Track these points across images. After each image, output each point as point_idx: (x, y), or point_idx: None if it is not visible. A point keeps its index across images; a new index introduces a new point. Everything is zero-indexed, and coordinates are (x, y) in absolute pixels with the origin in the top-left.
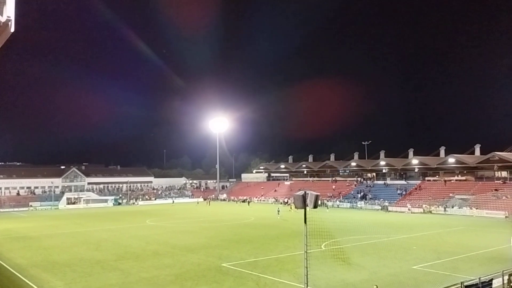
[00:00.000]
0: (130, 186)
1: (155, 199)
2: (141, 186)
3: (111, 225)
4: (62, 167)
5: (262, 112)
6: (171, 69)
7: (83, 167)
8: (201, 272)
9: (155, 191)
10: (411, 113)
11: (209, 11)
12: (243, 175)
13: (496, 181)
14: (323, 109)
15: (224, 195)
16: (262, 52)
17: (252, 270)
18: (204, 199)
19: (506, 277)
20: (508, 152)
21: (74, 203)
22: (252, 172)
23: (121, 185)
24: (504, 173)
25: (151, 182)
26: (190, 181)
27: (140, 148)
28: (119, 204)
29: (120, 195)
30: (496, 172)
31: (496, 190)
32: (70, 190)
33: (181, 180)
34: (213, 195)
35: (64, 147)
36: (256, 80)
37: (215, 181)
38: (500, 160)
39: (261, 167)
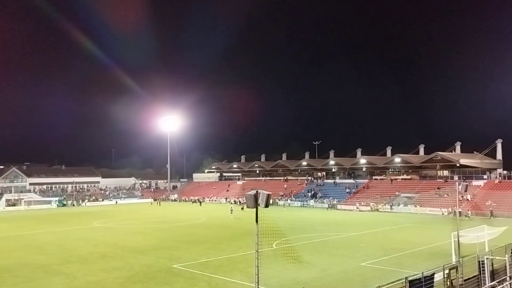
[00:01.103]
0: (75, 187)
1: (103, 200)
2: (87, 186)
3: (55, 228)
4: (1, 166)
5: (215, 111)
6: (118, 67)
7: (25, 167)
8: (151, 274)
9: (102, 191)
10: (359, 113)
11: (150, 7)
12: (195, 175)
13: (438, 180)
14: (275, 108)
15: (175, 195)
16: (210, 50)
17: (204, 271)
18: (154, 200)
19: (446, 271)
20: (449, 152)
21: (14, 205)
22: (204, 172)
23: (66, 186)
24: (446, 172)
25: (98, 182)
26: (140, 181)
27: (87, 147)
28: (64, 205)
29: (65, 196)
30: (438, 171)
31: (438, 188)
32: (10, 191)
33: (131, 180)
34: (163, 196)
35: (3, 145)
36: (207, 79)
37: (166, 181)
38: (442, 159)
39: (213, 167)
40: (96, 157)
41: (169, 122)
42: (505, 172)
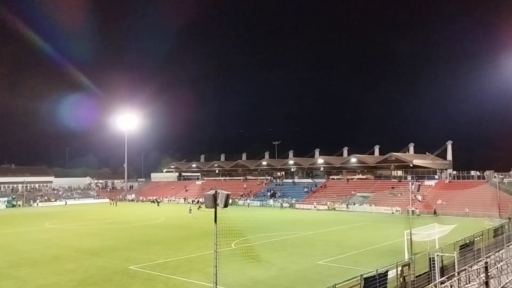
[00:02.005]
0: (26, 187)
1: (55, 200)
2: (39, 186)
3: (4, 229)
4: None
5: (174, 110)
6: (70, 64)
7: None
8: (107, 276)
9: (55, 191)
10: (318, 114)
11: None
12: (153, 175)
13: (392, 180)
14: (235, 108)
15: (133, 196)
16: (166, 46)
17: (161, 272)
18: (111, 200)
19: (399, 268)
20: (403, 153)
21: None
22: (162, 172)
23: (16, 186)
24: (400, 172)
25: (51, 182)
26: (96, 181)
27: (39, 146)
28: (13, 206)
29: (14, 196)
30: (392, 172)
31: (392, 188)
32: None
33: (86, 180)
34: (120, 196)
35: None
36: (164, 77)
37: (122, 180)
38: (396, 160)
39: (172, 166)
40: (49, 156)
41: (127, 120)
42: (454, 172)
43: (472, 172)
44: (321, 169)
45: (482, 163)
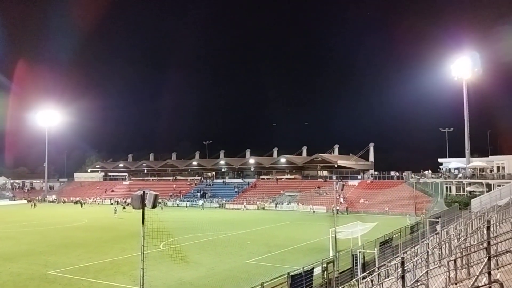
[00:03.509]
0: None
1: None
2: None
3: None
4: None
5: (100, 107)
6: None
7: None
8: (22, 282)
9: None
10: (249, 114)
11: None
12: (77, 174)
13: (319, 180)
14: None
15: (54, 196)
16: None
17: (84, 276)
18: (28, 201)
19: (324, 265)
20: (329, 154)
21: None
22: (87, 171)
23: None
24: (326, 172)
25: None
26: (12, 181)
27: None
28: None
29: None
30: (319, 172)
31: (318, 187)
32: None
33: (0, 180)
34: (39, 196)
35: None
36: (91, 72)
37: (42, 180)
38: (322, 160)
39: (97, 166)
40: None
41: (47, 116)
42: (376, 172)
43: (392, 173)
44: (252, 169)
45: (401, 164)
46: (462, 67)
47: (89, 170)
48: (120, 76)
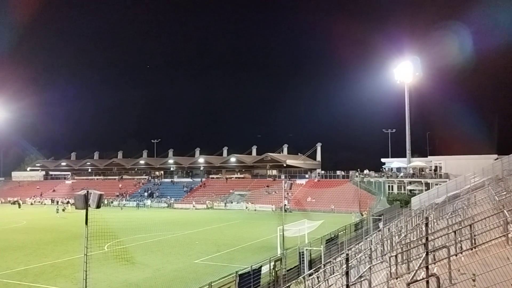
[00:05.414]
0: None
1: None
2: None
3: None
4: None
5: (42, 103)
6: None
7: None
8: None
9: None
10: (198, 113)
11: None
12: (14, 173)
13: (268, 179)
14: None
15: None
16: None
17: (22, 280)
18: None
19: (272, 263)
20: (278, 153)
21: None
22: (26, 170)
23: None
24: (275, 172)
25: None
26: None
27: None
28: None
29: None
30: (268, 171)
31: (267, 186)
32: None
33: None
34: None
35: None
36: (31, 67)
37: None
38: (272, 160)
39: (37, 165)
40: None
41: None
42: (323, 172)
43: (338, 172)
44: (201, 168)
45: (346, 164)
46: (404, 71)
47: (28, 169)
48: (63, 72)
